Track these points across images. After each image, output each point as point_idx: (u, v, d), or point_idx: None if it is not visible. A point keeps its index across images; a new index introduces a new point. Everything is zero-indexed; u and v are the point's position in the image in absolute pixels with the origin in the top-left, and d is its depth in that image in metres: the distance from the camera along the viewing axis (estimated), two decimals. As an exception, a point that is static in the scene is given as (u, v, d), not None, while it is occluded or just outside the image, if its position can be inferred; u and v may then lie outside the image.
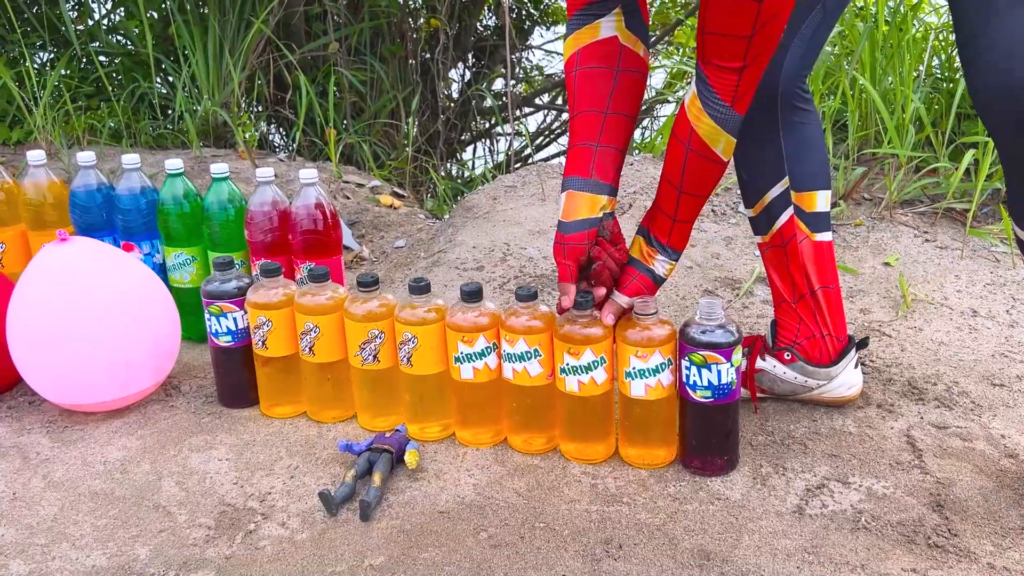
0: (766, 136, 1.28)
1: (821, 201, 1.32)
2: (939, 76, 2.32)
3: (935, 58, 2.36)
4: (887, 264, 1.79)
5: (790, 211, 1.31)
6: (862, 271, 1.77)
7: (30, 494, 1.21)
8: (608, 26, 1.18)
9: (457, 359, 1.24)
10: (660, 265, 1.19)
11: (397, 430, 1.28)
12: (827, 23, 1.26)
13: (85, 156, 1.60)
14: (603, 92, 1.17)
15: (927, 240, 1.86)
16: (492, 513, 1.14)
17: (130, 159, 1.59)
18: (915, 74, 2.19)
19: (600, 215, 1.17)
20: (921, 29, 2.43)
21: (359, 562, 1.06)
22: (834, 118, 2.21)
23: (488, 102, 3.66)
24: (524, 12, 4.06)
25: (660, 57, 3.52)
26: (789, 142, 1.29)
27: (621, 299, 1.19)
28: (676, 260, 1.20)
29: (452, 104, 3.58)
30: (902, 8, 2.28)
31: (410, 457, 1.23)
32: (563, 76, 4.35)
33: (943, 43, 2.37)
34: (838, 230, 1.91)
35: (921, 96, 2.11)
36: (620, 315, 1.20)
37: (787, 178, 1.30)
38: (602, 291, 1.20)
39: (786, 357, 1.32)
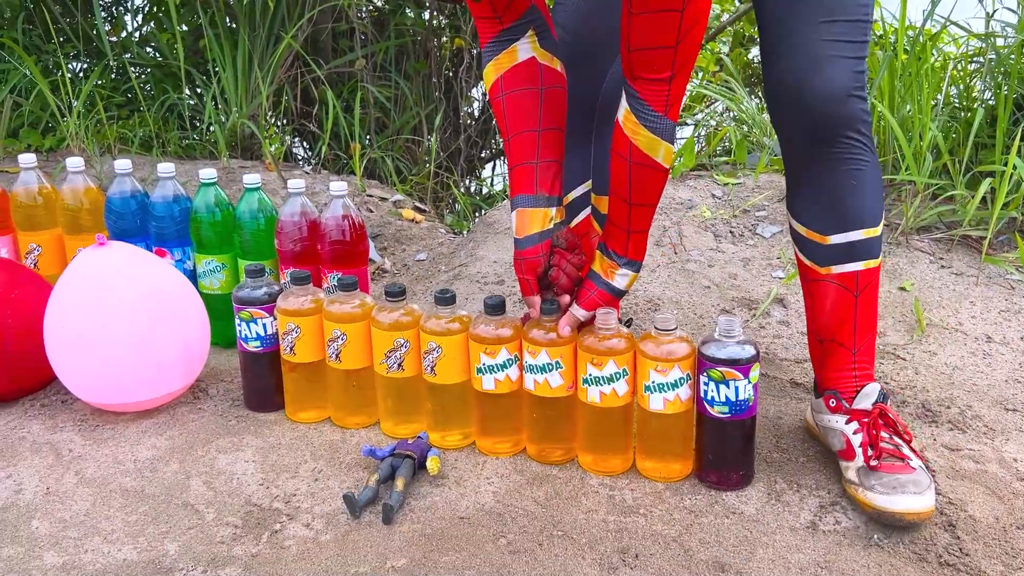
0: (579, 142, 1.40)
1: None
2: (957, 105, 2.35)
3: (953, 87, 2.39)
4: (902, 289, 1.81)
5: (587, 211, 1.47)
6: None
7: (63, 489, 1.25)
8: (524, 49, 1.25)
9: (479, 370, 1.28)
10: (620, 279, 1.24)
11: (419, 437, 1.32)
12: None
13: (122, 164, 1.66)
14: (533, 111, 1.24)
15: (943, 266, 1.89)
16: (511, 520, 1.17)
17: (165, 168, 1.63)
18: (933, 103, 2.22)
19: (551, 226, 1.24)
20: (940, 59, 2.46)
21: (381, 563, 1.09)
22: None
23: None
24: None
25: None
26: (599, 148, 1.40)
27: (578, 312, 1.24)
28: (637, 271, 1.25)
29: (473, 122, 3.63)
30: (921, 38, 2.31)
31: (432, 463, 1.26)
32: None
33: (961, 73, 2.40)
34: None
35: (939, 124, 2.14)
36: (576, 327, 1.25)
37: (590, 181, 1.45)
38: (566, 298, 1.25)
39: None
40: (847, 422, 1.22)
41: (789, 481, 1.24)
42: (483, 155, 3.90)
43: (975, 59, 2.47)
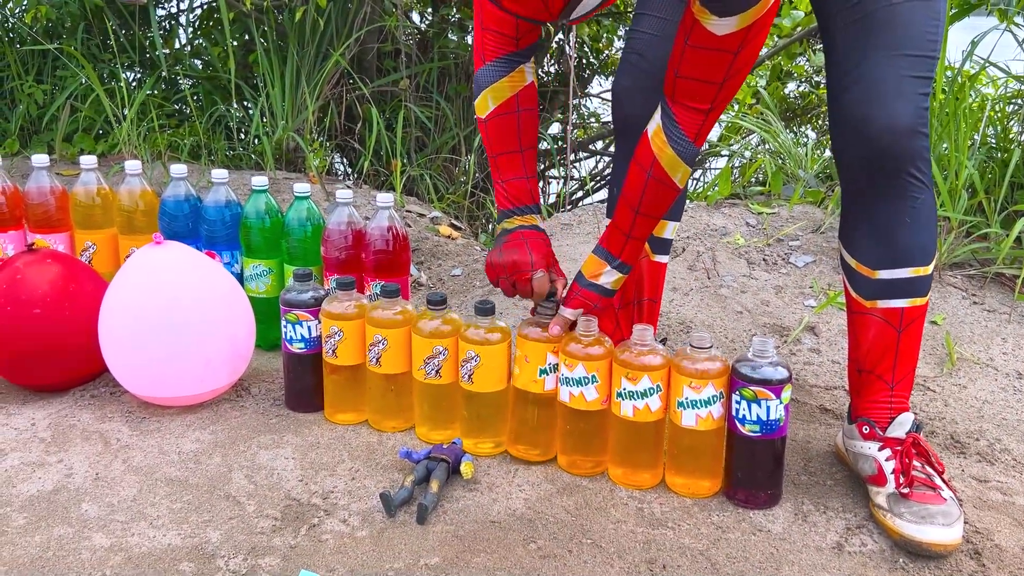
0: None
1: (668, 230, 1.50)
2: (994, 145, 2.36)
3: (991, 128, 2.41)
4: (934, 323, 1.82)
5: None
6: (909, 328, 1.81)
7: (111, 476, 1.30)
8: (529, 72, 1.35)
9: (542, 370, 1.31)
10: (607, 277, 1.30)
11: (453, 443, 1.35)
12: None
13: (177, 168, 1.72)
14: (535, 130, 1.37)
15: (975, 303, 1.90)
16: (541, 527, 1.20)
17: (219, 174, 1.70)
18: (970, 143, 2.24)
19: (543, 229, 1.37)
20: (978, 99, 2.48)
21: (415, 561, 1.13)
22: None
23: (544, 144, 3.77)
24: (585, 61, 4.18)
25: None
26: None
27: (567, 312, 1.31)
28: (626, 273, 1.31)
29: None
30: (960, 78, 2.33)
31: (466, 468, 1.29)
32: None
33: (999, 114, 2.42)
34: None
35: (975, 163, 2.16)
36: (566, 327, 1.32)
37: None
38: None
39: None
40: (880, 449, 1.24)
41: (816, 503, 1.26)
42: (518, 178, 3.96)
43: (1014, 101, 2.49)
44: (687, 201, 2.45)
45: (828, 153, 2.87)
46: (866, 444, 1.26)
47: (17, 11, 3.16)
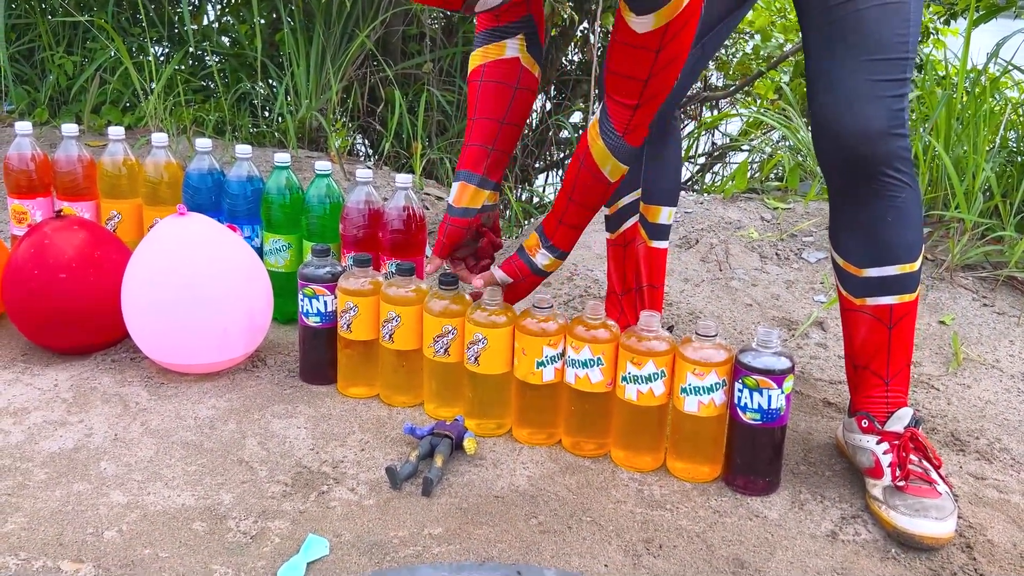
0: None
1: (664, 216, 1.53)
2: (1014, 149, 2.36)
3: (1011, 131, 2.41)
4: (942, 323, 1.84)
5: (636, 218, 1.52)
6: (916, 326, 1.82)
7: (129, 437, 1.34)
8: (512, 47, 1.36)
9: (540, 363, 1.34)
10: (541, 258, 1.36)
11: (456, 420, 1.38)
12: (702, 61, 1.44)
13: (202, 143, 1.76)
14: (502, 105, 1.36)
15: (985, 304, 1.91)
16: (543, 503, 1.23)
17: (243, 149, 1.73)
18: (989, 146, 2.24)
19: (481, 206, 1.39)
20: (1000, 103, 2.48)
21: (419, 530, 1.16)
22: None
23: (565, 133, 3.78)
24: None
25: (738, 106, 3.60)
26: (649, 161, 1.47)
27: (497, 273, 1.39)
28: (559, 258, 1.36)
29: (530, 132, 3.71)
30: (983, 80, 2.33)
31: (469, 444, 1.32)
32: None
33: (1021, 118, 2.41)
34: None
35: (993, 166, 2.16)
36: (489, 282, 1.39)
37: (640, 190, 1.51)
38: (476, 280, 1.40)
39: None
40: (878, 442, 1.26)
41: (813, 492, 1.28)
42: (537, 165, 3.98)
43: (1036, 104, 2.49)
44: (703, 194, 2.47)
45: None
46: (864, 437, 1.28)
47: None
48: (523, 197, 3.72)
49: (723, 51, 3.76)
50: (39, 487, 1.21)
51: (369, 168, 1.70)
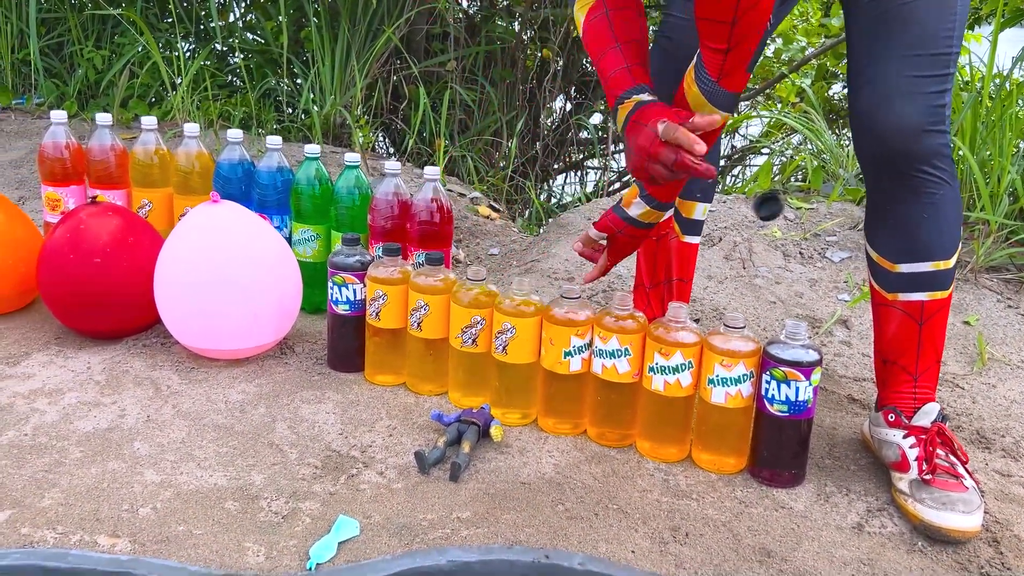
0: None
1: (699, 211, 1.53)
2: (1039, 153, 2.35)
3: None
4: (967, 323, 1.84)
5: (670, 212, 1.51)
6: (941, 326, 1.82)
7: (162, 419, 1.36)
8: None
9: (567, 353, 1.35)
10: (636, 207, 1.32)
11: (482, 408, 1.40)
12: (764, 40, 1.36)
13: (234, 133, 1.78)
14: (631, 25, 1.27)
15: (1010, 306, 1.91)
16: (569, 490, 1.24)
17: (273, 140, 1.76)
18: (1014, 150, 2.24)
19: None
20: (1025, 106, 2.47)
21: (447, 514, 1.18)
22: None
23: (585, 134, 3.80)
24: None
25: (759, 108, 3.60)
26: None
27: (592, 232, 1.38)
28: (657, 208, 1.31)
29: (550, 133, 3.73)
30: (1008, 85, 2.33)
31: (495, 431, 1.34)
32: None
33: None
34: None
35: (1019, 170, 2.16)
36: (586, 242, 1.39)
37: None
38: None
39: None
40: (904, 436, 1.26)
41: (839, 485, 1.29)
42: (556, 166, 4.00)
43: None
44: (726, 194, 2.47)
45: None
46: (891, 431, 1.28)
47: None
48: (543, 197, 3.73)
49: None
50: (75, 464, 1.23)
51: (397, 161, 1.72)
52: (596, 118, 4.16)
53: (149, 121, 1.82)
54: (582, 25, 1.31)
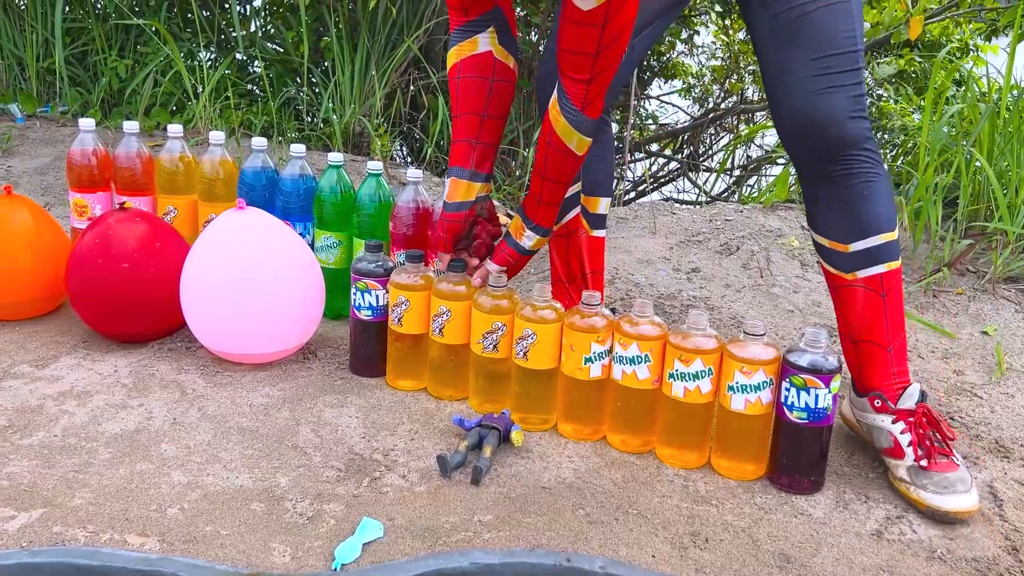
0: None
1: (602, 206, 1.63)
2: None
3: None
4: (985, 333, 1.84)
5: (577, 209, 1.61)
6: (959, 336, 1.83)
7: (188, 421, 1.38)
8: (484, 41, 1.44)
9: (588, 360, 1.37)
10: (527, 240, 1.45)
11: (503, 413, 1.41)
12: (632, 61, 1.51)
13: (258, 141, 1.81)
14: (481, 98, 1.44)
15: (1028, 316, 1.91)
16: (590, 495, 1.26)
17: (297, 148, 1.78)
18: (1032, 161, 2.24)
19: (475, 198, 1.46)
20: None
21: (469, 517, 1.19)
22: (945, 193, 2.28)
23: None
24: (646, 63, 4.22)
25: (768, 120, 3.61)
26: (587, 156, 1.51)
27: (491, 266, 1.47)
28: (543, 235, 1.45)
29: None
30: (1025, 95, 2.33)
31: (516, 436, 1.35)
32: (673, 126, 4.49)
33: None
34: (940, 296, 1.97)
35: (1036, 180, 2.16)
36: (485, 277, 1.46)
37: (580, 183, 1.59)
38: (475, 261, 1.49)
39: None
40: (893, 422, 1.30)
41: (858, 492, 1.30)
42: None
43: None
44: (743, 204, 2.49)
45: (886, 165, 2.87)
46: (879, 417, 1.32)
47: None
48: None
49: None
50: (104, 465, 1.25)
51: (418, 169, 1.74)
52: (612, 128, 4.18)
53: (175, 129, 1.85)
54: (460, 74, 1.45)
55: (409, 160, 3.53)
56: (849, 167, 1.28)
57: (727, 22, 4.00)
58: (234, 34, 3.18)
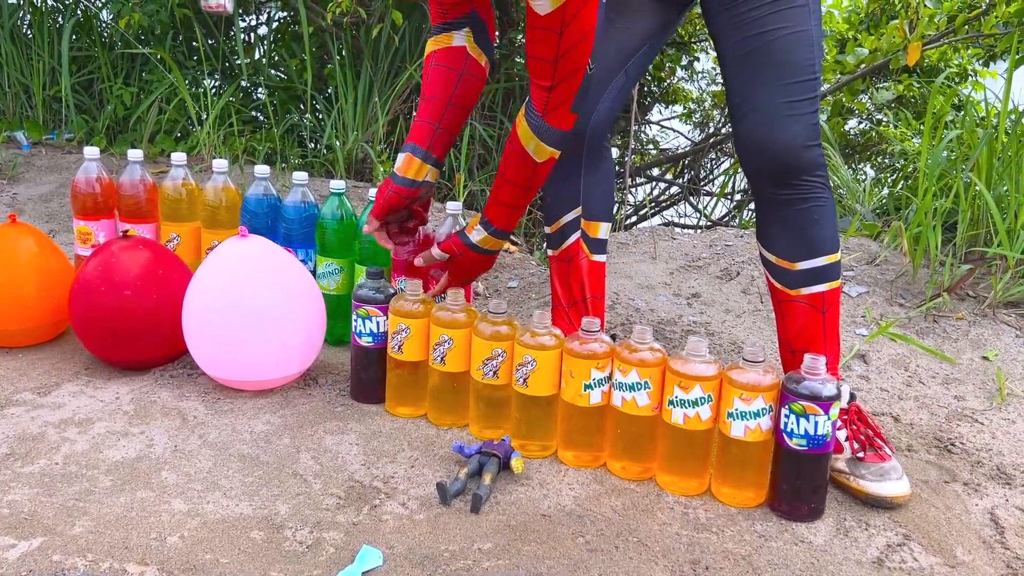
0: (571, 173, 1.60)
1: (603, 231, 1.65)
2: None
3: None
4: (985, 358, 1.84)
5: (578, 234, 1.63)
6: (960, 361, 1.83)
7: (188, 448, 1.39)
8: (459, 37, 1.49)
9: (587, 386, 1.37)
10: (476, 233, 1.48)
11: (503, 440, 1.41)
12: (628, 86, 1.56)
13: (261, 169, 1.83)
14: (448, 87, 1.49)
15: (1028, 341, 1.91)
16: (590, 523, 1.25)
17: (299, 176, 1.80)
18: (1031, 185, 2.25)
19: (423, 180, 1.50)
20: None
21: (469, 545, 1.19)
22: (944, 218, 2.29)
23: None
24: (647, 88, 4.26)
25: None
26: (586, 179, 1.59)
27: (435, 251, 1.53)
28: (493, 235, 1.48)
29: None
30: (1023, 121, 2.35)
31: (516, 463, 1.35)
32: (674, 151, 4.51)
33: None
34: (939, 321, 1.97)
35: (1035, 205, 2.17)
36: (428, 260, 1.53)
37: (580, 207, 1.61)
38: (406, 239, 1.58)
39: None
40: None
41: (858, 519, 1.29)
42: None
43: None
44: (744, 228, 2.50)
45: (886, 190, 2.88)
46: None
47: (110, 18, 3.35)
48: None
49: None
50: (104, 493, 1.26)
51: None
52: (613, 153, 4.21)
53: (179, 157, 1.86)
54: (434, 62, 1.50)
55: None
56: (802, 192, 1.34)
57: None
58: (238, 62, 3.21)
